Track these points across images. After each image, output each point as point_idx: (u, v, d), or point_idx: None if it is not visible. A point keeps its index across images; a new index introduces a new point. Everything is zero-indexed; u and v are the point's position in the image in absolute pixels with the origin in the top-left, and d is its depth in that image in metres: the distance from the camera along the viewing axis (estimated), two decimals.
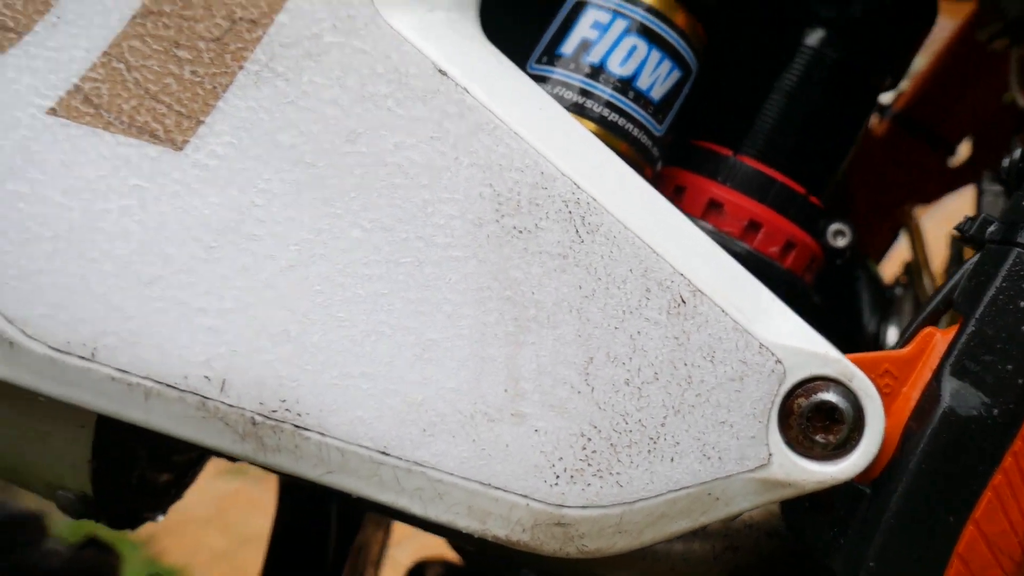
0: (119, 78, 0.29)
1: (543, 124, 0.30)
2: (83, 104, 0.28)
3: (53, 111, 0.28)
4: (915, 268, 0.49)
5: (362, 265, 0.28)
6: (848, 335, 0.48)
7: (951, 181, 0.58)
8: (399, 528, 0.37)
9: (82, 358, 0.25)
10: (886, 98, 0.59)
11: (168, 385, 0.26)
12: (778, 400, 0.27)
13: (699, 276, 0.28)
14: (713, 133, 0.40)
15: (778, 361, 0.27)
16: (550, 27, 0.35)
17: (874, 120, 0.59)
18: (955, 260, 0.43)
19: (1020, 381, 0.26)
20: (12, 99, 0.28)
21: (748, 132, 0.39)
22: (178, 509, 0.38)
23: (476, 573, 0.45)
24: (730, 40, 0.39)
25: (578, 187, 0.28)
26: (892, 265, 0.57)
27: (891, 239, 0.58)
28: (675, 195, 0.39)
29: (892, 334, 0.47)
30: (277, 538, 0.46)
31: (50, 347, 0.25)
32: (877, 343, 0.47)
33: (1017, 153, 0.30)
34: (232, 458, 0.27)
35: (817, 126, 0.39)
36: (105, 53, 0.29)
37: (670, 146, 0.38)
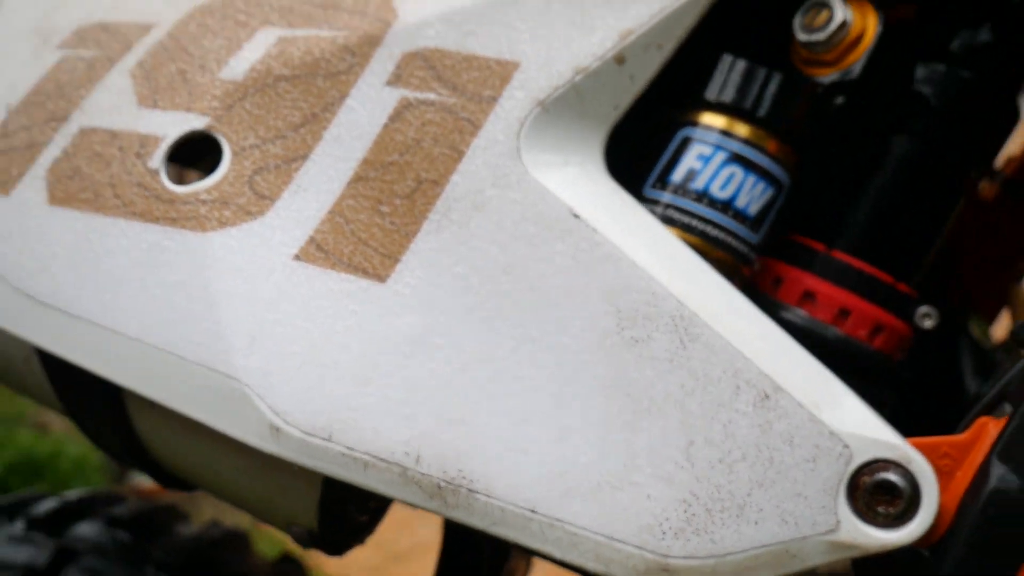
0: (341, 230, 0.40)
1: (655, 253, 0.38)
2: (316, 251, 0.39)
3: (297, 257, 0.39)
4: (1020, 333, 0.53)
5: (516, 367, 0.37)
6: (951, 397, 0.53)
7: None
8: (539, 560, 0.46)
9: (323, 439, 0.36)
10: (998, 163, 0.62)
11: (380, 459, 0.36)
12: (846, 478, 0.34)
13: (780, 374, 0.35)
14: (809, 229, 0.46)
15: (845, 446, 0.34)
16: (662, 157, 0.43)
17: (985, 184, 0.62)
18: None
19: None
20: (270, 250, 0.39)
21: (839, 228, 0.45)
22: None
23: None
24: (821, 151, 0.45)
25: (682, 304, 0.36)
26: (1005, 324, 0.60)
27: (1004, 299, 0.61)
28: (774, 285, 0.46)
29: None
30: (443, 562, 0.57)
31: (302, 431, 0.36)
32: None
33: None
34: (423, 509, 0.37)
35: (901, 222, 0.45)
36: (330, 211, 0.40)
37: (772, 241, 0.45)
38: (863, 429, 0.34)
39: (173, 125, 0.42)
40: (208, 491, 0.46)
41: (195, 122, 0.42)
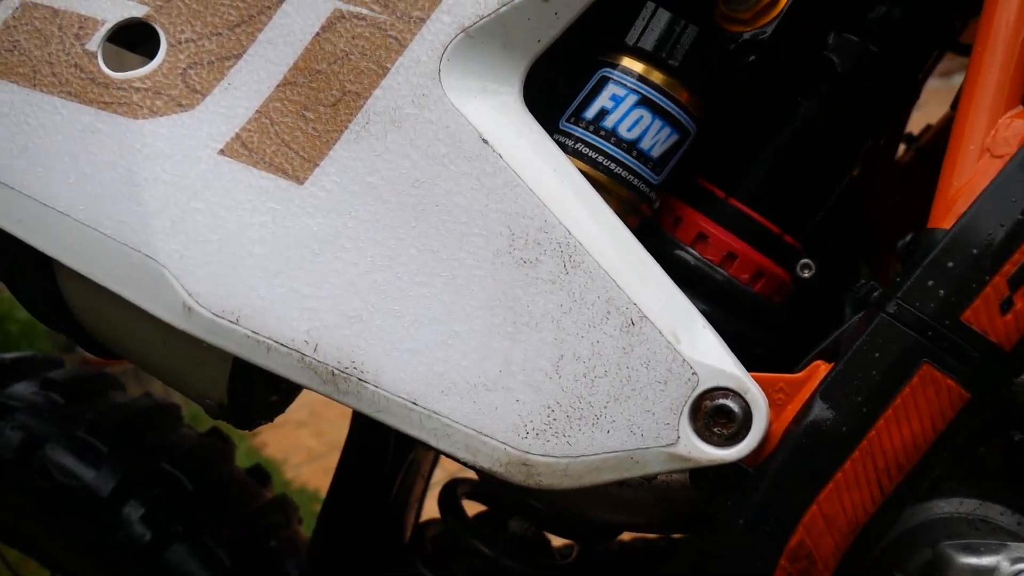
0: (266, 130, 0.42)
1: (554, 184, 0.41)
2: (241, 148, 0.42)
3: (222, 152, 0.42)
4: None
5: (414, 275, 0.40)
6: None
7: None
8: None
9: (230, 322, 0.40)
10: (915, 129, 0.66)
11: (281, 344, 0.40)
12: (690, 400, 0.38)
13: (647, 305, 0.39)
14: (713, 175, 0.49)
15: (694, 373, 0.38)
16: (579, 94, 0.46)
17: (901, 148, 0.66)
18: None
19: (864, 410, 0.36)
20: (197, 142, 0.42)
21: (739, 178, 0.49)
22: None
23: (495, 492, 0.59)
24: (730, 103, 0.48)
25: (569, 234, 0.40)
26: None
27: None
28: (673, 224, 0.49)
29: None
30: (348, 448, 0.61)
31: (212, 313, 0.40)
32: None
33: (908, 237, 0.39)
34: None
35: (796, 178, 0.49)
36: (258, 111, 0.42)
37: (677, 181, 0.49)
38: (712, 360, 0.39)
39: (112, 10, 0.43)
40: (128, 359, 0.49)
41: (134, 10, 0.43)
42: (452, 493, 0.60)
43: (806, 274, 0.49)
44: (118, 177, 0.41)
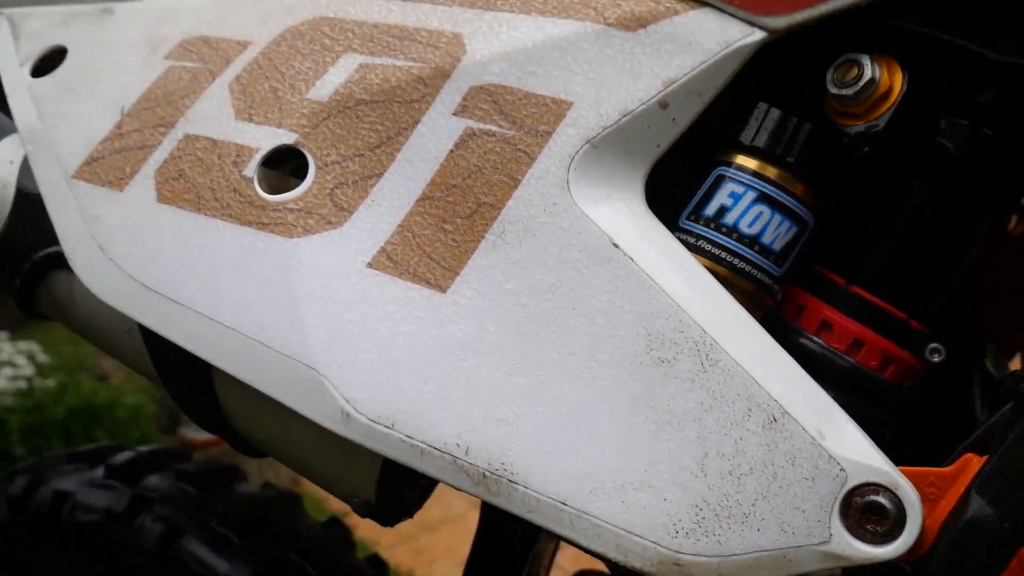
0: (409, 243, 0.45)
1: (685, 283, 0.42)
2: (387, 260, 0.45)
3: (370, 265, 0.45)
4: None
5: (556, 377, 0.42)
6: (962, 425, 0.56)
7: None
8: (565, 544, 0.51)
9: (386, 427, 0.42)
10: None
11: (435, 448, 0.42)
12: (840, 497, 0.39)
13: (788, 400, 0.40)
14: (832, 262, 0.50)
15: (842, 469, 0.39)
16: (698, 192, 0.48)
17: (1013, 222, 0.65)
18: None
19: None
20: (347, 257, 0.45)
21: (859, 264, 0.49)
22: None
23: None
24: (846, 192, 0.49)
25: (705, 332, 0.41)
26: None
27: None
28: (796, 312, 0.50)
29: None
30: (479, 542, 0.63)
31: (369, 419, 0.42)
32: None
33: None
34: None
35: (915, 263, 0.49)
36: (400, 225, 0.45)
37: (798, 271, 0.49)
38: (858, 455, 0.39)
39: (266, 139, 0.48)
40: (279, 460, 0.52)
41: (285, 137, 0.47)
42: None
43: (936, 358, 0.49)
44: (278, 292, 0.45)
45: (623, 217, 0.44)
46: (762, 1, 0.44)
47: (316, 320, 0.44)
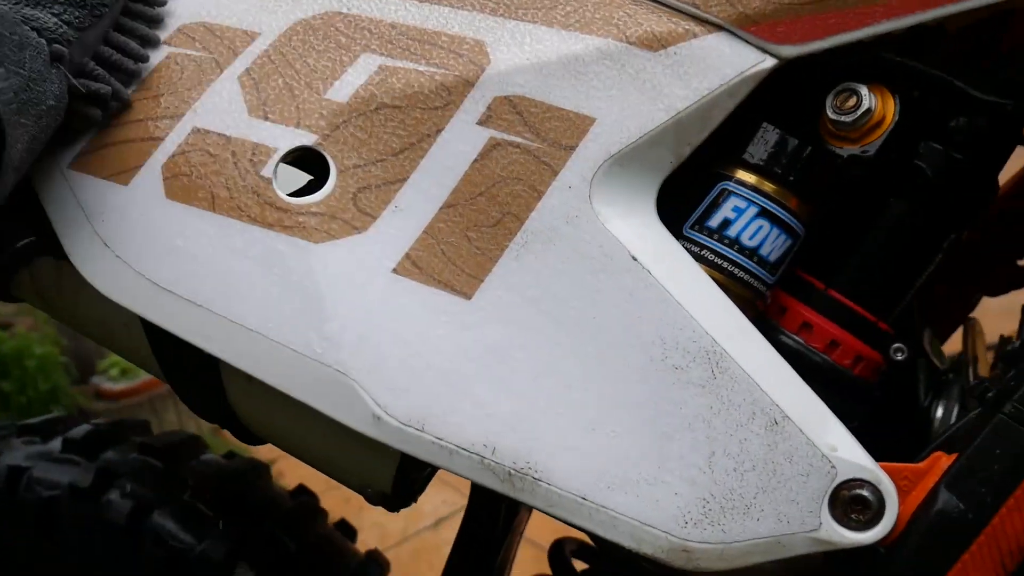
0: (433, 249, 0.46)
1: (696, 295, 0.46)
2: (412, 266, 0.46)
3: (395, 271, 0.46)
4: (965, 360, 0.63)
5: (577, 380, 0.45)
6: (909, 410, 0.63)
7: (1019, 279, 0.70)
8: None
9: (416, 429, 0.44)
10: None
11: (463, 448, 0.44)
12: (830, 490, 0.44)
13: (787, 405, 0.44)
14: (813, 267, 0.55)
15: (832, 466, 0.44)
16: (701, 203, 0.51)
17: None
18: (996, 362, 0.57)
19: (987, 500, 0.42)
20: (373, 262, 0.46)
21: (837, 270, 0.54)
22: None
23: (604, 552, 0.63)
24: (831, 205, 0.53)
25: (715, 342, 0.45)
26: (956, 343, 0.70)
27: (960, 321, 0.71)
28: (779, 313, 0.54)
29: (938, 412, 0.61)
30: (468, 519, 0.66)
31: (400, 422, 0.44)
32: (928, 417, 0.62)
33: (1018, 343, 0.45)
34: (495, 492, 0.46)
35: (888, 271, 0.54)
36: (425, 231, 0.47)
37: (783, 274, 0.54)
38: (847, 454, 0.44)
39: (283, 138, 0.47)
40: (287, 451, 0.53)
41: (303, 138, 0.47)
42: (561, 552, 0.65)
43: (899, 357, 0.55)
44: (304, 296, 0.45)
45: (640, 229, 0.47)
46: (777, 31, 0.47)
47: (345, 326, 0.45)
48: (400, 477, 0.49)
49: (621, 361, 0.45)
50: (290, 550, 0.71)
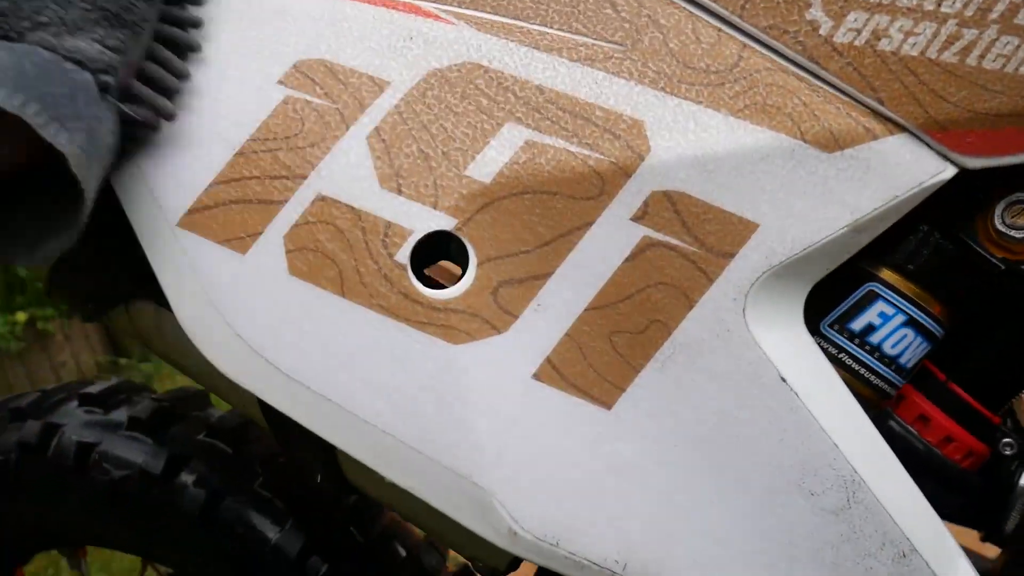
0: (575, 354, 0.44)
1: (840, 419, 0.45)
2: (553, 372, 0.44)
3: (536, 376, 0.44)
4: None
5: (712, 498, 0.44)
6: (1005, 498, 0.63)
7: None
8: None
9: (551, 544, 0.44)
10: None
11: (595, 563, 0.44)
12: None
13: (916, 537, 0.45)
14: (935, 356, 0.53)
15: None
16: (845, 302, 0.48)
17: None
18: None
19: None
20: (513, 367, 0.44)
21: (960, 364, 0.53)
22: None
23: None
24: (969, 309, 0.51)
25: (855, 472, 0.44)
26: None
27: None
28: (895, 399, 0.54)
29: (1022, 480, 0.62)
30: None
31: (535, 536, 0.44)
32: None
33: None
34: None
35: (1010, 371, 0.53)
36: (567, 334, 0.44)
37: None
38: None
39: (419, 219, 0.43)
40: (402, 517, 0.53)
41: (442, 221, 0.43)
42: None
43: (1007, 452, 0.55)
44: (439, 400, 0.43)
45: (789, 344, 0.45)
46: (967, 141, 0.43)
47: (484, 437, 0.43)
48: (516, 559, 0.49)
49: (757, 482, 0.44)
50: (358, 542, 0.72)
